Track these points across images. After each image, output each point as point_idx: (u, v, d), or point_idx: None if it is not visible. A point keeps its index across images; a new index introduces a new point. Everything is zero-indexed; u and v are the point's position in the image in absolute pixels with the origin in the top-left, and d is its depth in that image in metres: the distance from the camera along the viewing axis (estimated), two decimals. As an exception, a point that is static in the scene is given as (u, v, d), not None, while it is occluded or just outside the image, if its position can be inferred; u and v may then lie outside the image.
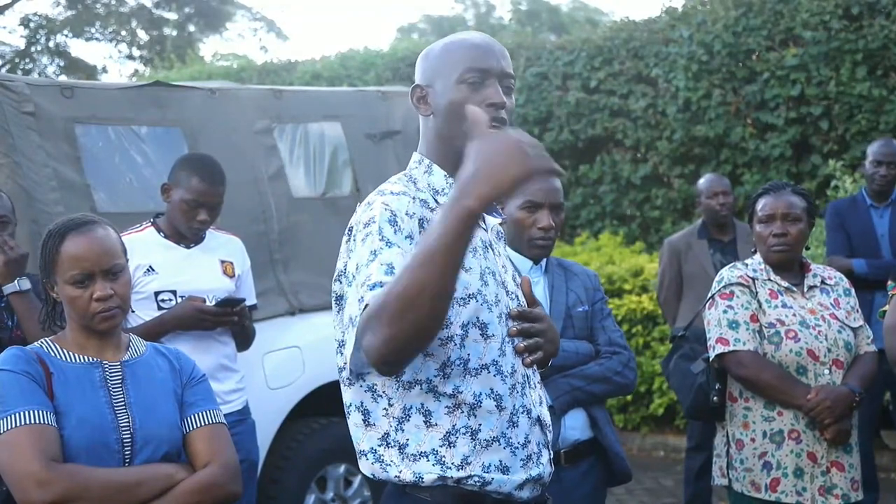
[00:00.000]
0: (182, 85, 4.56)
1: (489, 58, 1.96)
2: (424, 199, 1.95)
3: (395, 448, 1.88)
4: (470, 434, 1.87)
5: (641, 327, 6.87)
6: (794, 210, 3.14)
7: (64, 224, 2.27)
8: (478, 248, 1.95)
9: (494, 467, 1.88)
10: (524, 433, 1.93)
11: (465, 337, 1.87)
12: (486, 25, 23.01)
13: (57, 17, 21.38)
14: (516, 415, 1.92)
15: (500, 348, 1.91)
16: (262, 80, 10.90)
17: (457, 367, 1.87)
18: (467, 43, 1.98)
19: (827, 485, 3.03)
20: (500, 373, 1.90)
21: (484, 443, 1.87)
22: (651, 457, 6.84)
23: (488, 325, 1.89)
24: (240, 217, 4.02)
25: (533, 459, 1.94)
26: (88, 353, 2.26)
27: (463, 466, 1.86)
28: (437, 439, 1.86)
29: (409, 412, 1.87)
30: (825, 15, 7.43)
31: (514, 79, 2.01)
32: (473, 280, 1.89)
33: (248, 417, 3.63)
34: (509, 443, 1.90)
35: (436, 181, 1.98)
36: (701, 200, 5.37)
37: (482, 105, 1.91)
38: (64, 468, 2.09)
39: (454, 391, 1.86)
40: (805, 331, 3.06)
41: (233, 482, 2.27)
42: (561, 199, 2.99)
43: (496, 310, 1.92)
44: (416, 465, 1.86)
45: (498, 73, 1.96)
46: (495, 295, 1.93)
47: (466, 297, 1.87)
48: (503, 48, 2.01)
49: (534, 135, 8.84)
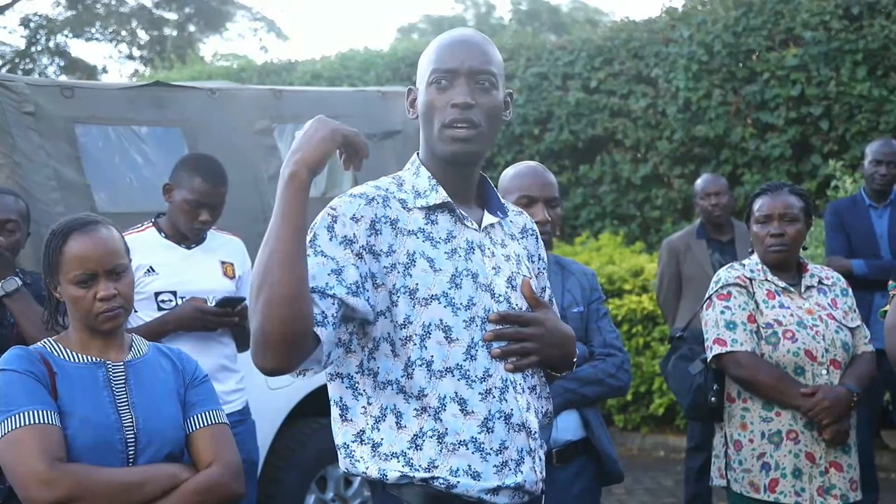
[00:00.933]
0: (182, 85, 4.57)
1: (455, 57, 1.92)
2: (403, 199, 1.94)
3: (368, 445, 1.88)
4: (436, 437, 1.85)
5: (641, 327, 6.87)
6: (791, 210, 3.14)
7: (67, 224, 2.27)
8: (458, 250, 1.93)
9: (463, 471, 1.85)
10: (500, 439, 1.88)
11: (426, 338, 1.85)
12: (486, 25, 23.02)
13: (57, 17, 21.39)
14: (491, 420, 1.88)
15: (467, 352, 1.87)
16: (262, 80, 10.90)
17: (419, 367, 1.85)
18: (439, 43, 1.97)
19: (825, 485, 3.03)
20: (465, 377, 1.87)
21: (451, 446, 1.85)
22: (651, 457, 6.85)
23: (452, 329, 1.87)
24: (240, 217, 4.02)
25: (510, 466, 1.89)
26: (92, 354, 2.27)
27: (430, 469, 1.85)
28: (406, 441, 1.86)
29: (385, 412, 1.87)
30: (825, 15, 7.43)
31: (491, 75, 1.94)
32: (440, 281, 1.87)
33: (248, 418, 3.63)
34: (479, 448, 1.86)
35: (420, 183, 1.97)
36: (697, 201, 5.41)
37: (447, 106, 1.91)
38: (68, 468, 2.10)
39: (420, 393, 1.86)
40: (802, 331, 3.06)
41: (236, 482, 2.28)
42: (555, 193, 2.98)
43: (465, 313, 1.88)
44: (386, 463, 1.86)
45: (466, 71, 1.91)
46: (468, 298, 1.89)
47: (429, 297, 1.86)
48: (481, 44, 1.96)
49: (534, 135, 8.86)
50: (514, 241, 2.07)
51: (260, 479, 3.93)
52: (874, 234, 4.96)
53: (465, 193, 2.00)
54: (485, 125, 1.93)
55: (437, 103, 1.92)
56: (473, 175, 2.02)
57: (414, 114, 2.01)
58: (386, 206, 1.90)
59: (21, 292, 3.13)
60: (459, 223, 1.96)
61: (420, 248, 1.89)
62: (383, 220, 1.88)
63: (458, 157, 1.93)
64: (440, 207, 1.95)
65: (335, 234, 1.83)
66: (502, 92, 1.99)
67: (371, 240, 1.85)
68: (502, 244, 2.03)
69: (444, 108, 1.91)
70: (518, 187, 2.96)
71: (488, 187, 2.07)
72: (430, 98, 1.93)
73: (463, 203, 1.99)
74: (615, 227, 8.54)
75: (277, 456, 4.16)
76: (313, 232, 1.85)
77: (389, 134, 4.79)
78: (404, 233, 1.90)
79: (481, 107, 1.92)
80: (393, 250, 1.87)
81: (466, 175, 1.99)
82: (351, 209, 1.86)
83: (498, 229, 2.04)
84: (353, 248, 1.82)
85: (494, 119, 1.96)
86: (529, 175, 2.98)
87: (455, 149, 1.92)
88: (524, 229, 2.13)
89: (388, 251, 1.87)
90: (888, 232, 4.94)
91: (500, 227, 2.05)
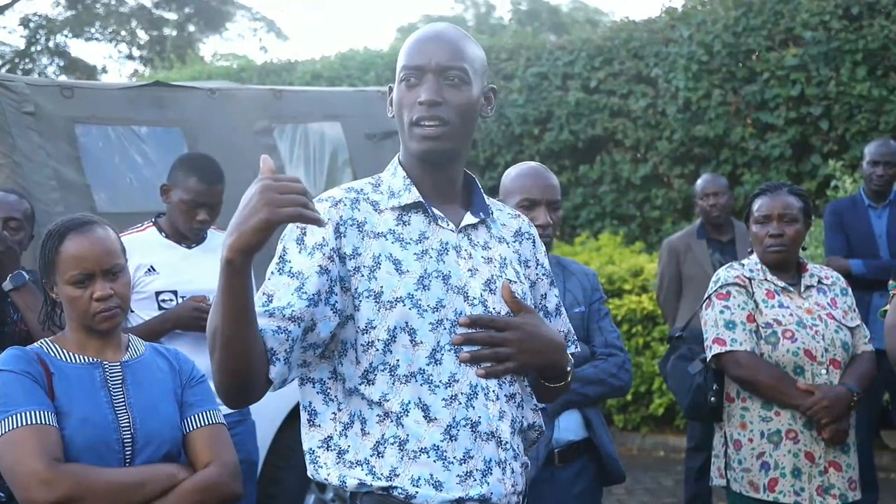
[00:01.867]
0: (182, 85, 4.57)
1: (423, 54, 1.87)
2: (376, 201, 1.90)
3: (334, 452, 1.85)
4: (398, 444, 1.81)
5: (641, 327, 6.87)
6: (790, 211, 3.14)
7: (63, 224, 2.27)
8: (429, 251, 1.88)
9: (424, 481, 1.79)
10: (464, 447, 1.82)
11: (391, 342, 1.81)
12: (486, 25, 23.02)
13: (57, 17, 21.39)
14: (455, 427, 1.81)
15: (431, 356, 1.82)
16: (261, 80, 10.90)
17: (381, 373, 1.82)
18: (409, 40, 1.93)
19: (825, 485, 3.03)
20: (428, 382, 1.82)
21: (412, 454, 1.80)
22: (651, 457, 6.85)
23: (417, 332, 1.82)
24: (239, 217, 4.02)
25: (475, 477, 1.82)
26: (88, 354, 2.27)
27: (391, 478, 1.80)
28: (369, 448, 1.82)
29: (353, 419, 1.84)
30: (825, 15, 7.43)
31: (461, 70, 1.87)
32: (406, 283, 1.83)
33: (247, 418, 3.63)
34: (442, 456, 1.80)
35: (395, 183, 1.93)
36: (696, 201, 5.42)
37: (415, 104, 1.87)
38: (67, 468, 2.10)
39: (381, 398, 1.81)
40: (802, 331, 3.06)
41: (234, 482, 2.28)
42: (557, 196, 2.97)
43: (432, 315, 1.83)
44: (350, 471, 1.83)
45: (434, 68, 1.86)
46: (437, 300, 1.84)
47: (393, 300, 1.82)
48: (452, 39, 1.90)
49: (534, 135, 8.85)
50: (501, 244, 1.99)
51: (260, 480, 3.93)
52: (873, 234, 4.97)
53: (444, 193, 1.95)
54: (456, 121, 1.87)
55: (406, 101, 1.88)
56: (452, 174, 1.95)
57: (391, 112, 1.96)
58: (354, 208, 1.87)
59: (28, 286, 3.13)
60: (433, 223, 1.91)
61: (387, 251, 1.85)
62: (349, 223, 1.85)
63: (427, 155, 1.89)
64: (413, 207, 1.91)
65: (305, 245, 1.82)
66: (477, 87, 1.92)
67: (337, 243, 1.83)
68: (484, 246, 1.96)
69: (412, 106, 1.87)
70: (520, 189, 2.94)
71: (474, 187, 2.01)
72: (400, 96, 1.90)
73: (442, 203, 1.94)
74: (615, 227, 8.55)
75: (277, 456, 4.15)
76: (283, 246, 1.85)
77: (389, 134, 4.79)
78: (371, 235, 1.86)
79: (450, 103, 1.86)
80: (358, 253, 1.84)
81: (444, 174, 1.94)
82: None
83: (481, 231, 1.97)
84: (323, 252, 1.81)
85: (467, 115, 1.89)
86: (531, 177, 2.96)
87: (424, 147, 1.88)
88: (519, 233, 2.05)
89: (353, 254, 1.84)
90: (887, 232, 4.95)
91: (486, 229, 1.98)
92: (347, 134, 4.69)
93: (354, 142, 4.70)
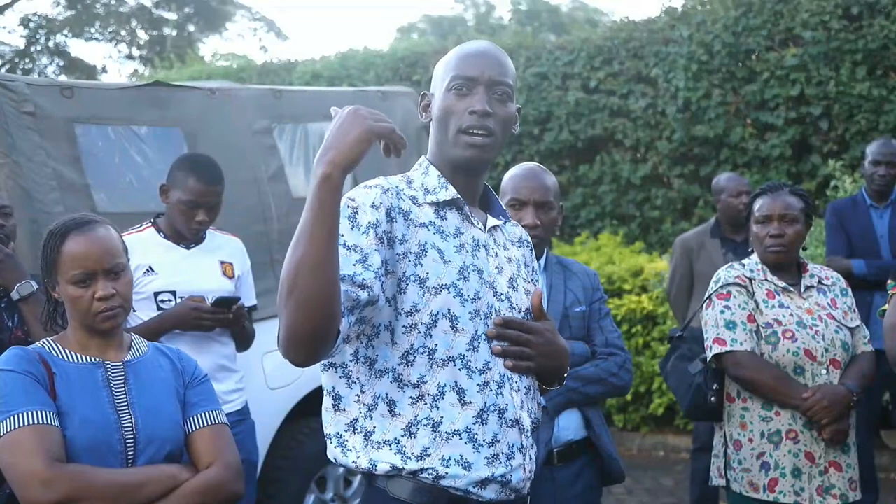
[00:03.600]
0: (182, 85, 4.57)
1: (476, 66, 1.99)
2: (413, 196, 2.00)
3: (360, 434, 1.91)
4: (431, 426, 1.88)
5: (641, 327, 6.87)
6: (791, 211, 3.14)
7: (65, 224, 2.27)
8: (466, 245, 1.99)
9: (455, 461, 1.88)
10: (493, 431, 1.92)
11: (432, 326, 1.89)
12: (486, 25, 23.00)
13: (57, 17, 21.38)
14: (486, 412, 1.92)
15: (471, 344, 1.92)
16: (261, 80, 10.89)
17: (421, 355, 1.89)
18: (461, 52, 2.03)
19: (825, 485, 3.03)
20: (466, 367, 1.91)
21: (445, 435, 1.88)
22: (651, 457, 6.85)
23: (459, 319, 1.91)
24: (240, 217, 4.02)
25: (500, 459, 1.93)
26: (91, 354, 2.27)
27: (422, 458, 1.87)
28: (400, 429, 1.89)
29: (377, 400, 1.90)
30: (825, 15, 7.43)
31: (508, 87, 2.02)
32: (450, 272, 1.93)
33: (247, 418, 3.63)
34: (473, 438, 1.90)
35: (429, 181, 2.03)
36: (722, 198, 5.29)
37: (465, 113, 1.97)
38: (68, 468, 2.10)
39: (419, 381, 1.89)
40: (802, 331, 3.06)
41: (236, 482, 2.28)
42: (549, 197, 2.96)
43: (472, 306, 1.93)
44: (378, 453, 1.89)
45: (486, 81, 1.99)
46: (475, 292, 1.95)
47: (439, 286, 1.91)
48: (500, 56, 2.04)
49: (534, 135, 8.86)
50: (513, 247, 2.15)
51: (259, 479, 3.93)
52: (874, 234, 4.96)
53: (470, 197, 2.06)
54: (499, 134, 2.00)
55: (455, 109, 1.98)
56: (480, 181, 2.08)
57: (427, 117, 2.06)
58: (399, 198, 1.96)
59: (36, 296, 3.09)
60: (467, 221, 2.03)
61: (431, 240, 1.95)
62: (397, 210, 1.93)
63: (471, 162, 2.00)
64: (449, 204, 2.02)
65: (358, 223, 1.87)
66: (514, 104, 2.05)
67: (388, 226, 1.90)
68: (504, 247, 2.11)
69: (461, 114, 1.98)
70: (511, 189, 2.98)
71: (490, 193, 2.15)
72: (449, 103, 1.99)
73: (470, 205, 2.07)
74: (615, 226, 8.54)
75: (277, 456, 4.15)
76: None
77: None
78: (416, 224, 1.95)
79: (497, 116, 1.99)
80: (406, 239, 1.92)
81: (474, 179, 2.06)
82: (370, 198, 1.91)
83: (500, 233, 2.12)
84: (376, 233, 1.87)
85: (507, 129, 2.03)
86: (522, 177, 2.98)
87: (469, 154, 1.98)
88: (521, 239, 2.20)
89: (402, 239, 1.92)
90: (888, 232, 4.94)
91: (502, 232, 2.13)
92: (347, 134, 4.68)
93: (354, 142, 4.69)
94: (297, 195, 4.45)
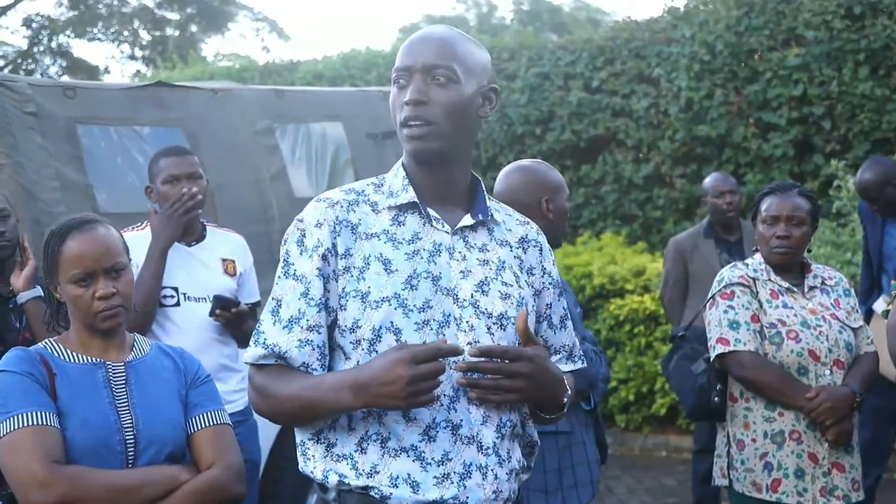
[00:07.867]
0: (184, 85, 4.57)
1: (411, 54, 1.88)
2: (375, 202, 1.92)
3: (323, 445, 1.88)
4: (380, 441, 1.82)
5: (643, 327, 6.86)
6: (799, 213, 3.13)
7: (65, 224, 2.27)
8: (421, 251, 1.87)
9: (402, 480, 1.80)
10: (442, 449, 1.81)
11: (376, 341, 1.82)
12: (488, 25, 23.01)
13: (59, 17, 21.38)
14: (434, 429, 1.81)
15: None
16: (263, 80, 10.89)
17: None
18: (403, 43, 1.93)
19: (828, 486, 3.03)
20: None
21: (392, 452, 1.81)
22: (653, 457, 6.84)
23: (402, 331, 1.81)
24: (241, 217, 4.02)
25: (452, 479, 1.80)
26: (92, 354, 2.26)
27: (371, 475, 1.82)
28: (354, 444, 1.85)
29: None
30: (827, 15, 7.43)
31: (447, 69, 1.85)
32: (394, 283, 1.83)
33: (249, 418, 3.62)
34: (420, 456, 1.80)
35: (395, 183, 1.94)
36: (707, 199, 5.30)
37: (403, 105, 1.87)
38: (66, 470, 2.09)
39: None
40: (806, 331, 3.06)
41: (237, 483, 2.27)
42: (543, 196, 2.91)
43: (418, 316, 1.82)
44: (336, 465, 1.86)
45: (420, 67, 1.86)
46: (424, 301, 1.83)
47: (380, 299, 1.82)
48: (443, 39, 1.89)
49: (536, 135, 8.85)
50: (502, 248, 1.96)
51: (262, 479, 3.93)
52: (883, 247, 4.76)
53: (443, 194, 1.93)
54: (441, 121, 1.85)
55: (396, 102, 1.90)
56: (450, 174, 1.93)
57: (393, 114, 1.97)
58: (350, 210, 1.89)
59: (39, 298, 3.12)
60: (428, 224, 1.90)
61: (378, 251, 1.86)
62: (343, 224, 1.87)
63: (417, 155, 1.89)
64: (409, 208, 1.91)
65: (305, 246, 1.87)
66: (471, 86, 1.89)
67: (331, 242, 1.86)
68: (481, 248, 1.93)
69: (400, 107, 1.88)
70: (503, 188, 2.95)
71: (478, 189, 1.99)
72: (392, 98, 1.92)
73: (442, 204, 1.93)
74: (617, 226, 8.54)
75: (279, 456, 4.15)
76: (286, 249, 1.91)
77: (390, 134, 4.79)
78: (364, 237, 1.87)
79: (436, 102, 1.85)
80: (350, 254, 1.86)
81: (441, 174, 1.92)
82: (314, 216, 1.89)
83: (481, 233, 1.95)
84: (319, 252, 1.86)
85: (455, 115, 1.86)
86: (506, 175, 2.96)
87: (411, 147, 1.88)
88: (525, 240, 2.01)
89: (345, 254, 1.86)
90: None
91: (487, 232, 1.96)
92: (349, 134, 4.69)
93: (356, 142, 4.70)
94: (300, 195, 4.45)
